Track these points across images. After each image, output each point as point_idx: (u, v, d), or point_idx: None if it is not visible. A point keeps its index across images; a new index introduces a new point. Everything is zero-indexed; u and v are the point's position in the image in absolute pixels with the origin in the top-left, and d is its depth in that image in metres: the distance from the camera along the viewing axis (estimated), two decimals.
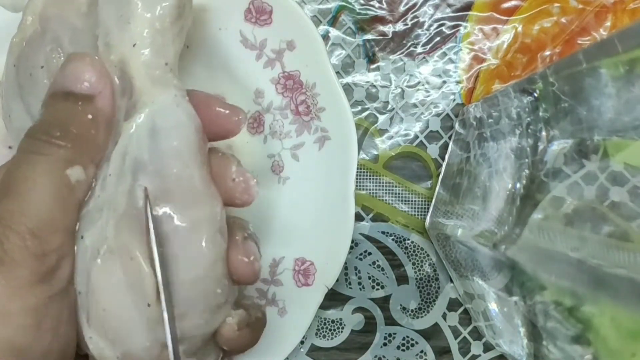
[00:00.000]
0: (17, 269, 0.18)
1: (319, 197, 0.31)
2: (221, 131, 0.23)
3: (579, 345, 0.23)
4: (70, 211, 0.20)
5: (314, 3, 0.33)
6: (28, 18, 0.23)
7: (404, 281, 0.34)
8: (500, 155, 0.26)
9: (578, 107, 0.22)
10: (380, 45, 0.34)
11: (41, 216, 0.19)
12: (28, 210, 0.18)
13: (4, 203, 0.19)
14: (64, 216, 0.20)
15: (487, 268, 0.27)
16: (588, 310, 0.22)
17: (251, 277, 0.22)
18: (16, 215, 0.18)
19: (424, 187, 0.34)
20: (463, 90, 0.34)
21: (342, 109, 0.30)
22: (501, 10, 0.33)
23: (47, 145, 0.20)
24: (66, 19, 0.22)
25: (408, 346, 0.34)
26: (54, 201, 0.19)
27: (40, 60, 0.22)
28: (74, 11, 0.22)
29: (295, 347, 0.31)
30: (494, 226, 0.25)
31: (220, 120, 0.23)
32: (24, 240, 0.18)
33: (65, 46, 0.22)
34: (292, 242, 0.31)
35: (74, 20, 0.22)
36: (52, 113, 0.20)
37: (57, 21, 0.22)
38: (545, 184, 0.23)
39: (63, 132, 0.20)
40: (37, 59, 0.23)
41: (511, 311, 0.26)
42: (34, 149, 0.20)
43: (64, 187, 0.20)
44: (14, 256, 0.18)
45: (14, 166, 0.20)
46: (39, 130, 0.20)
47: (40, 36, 0.22)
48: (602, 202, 0.21)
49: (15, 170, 0.19)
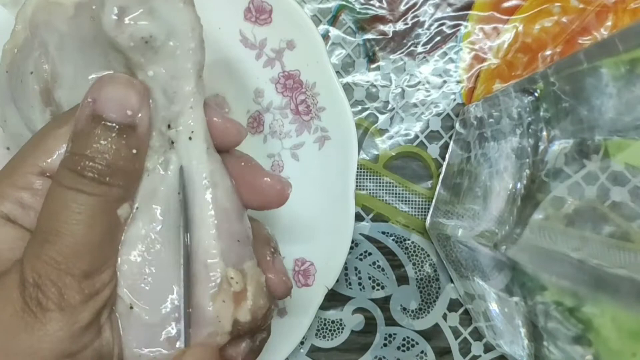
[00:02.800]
0: (75, 314, 0.18)
1: (319, 197, 0.31)
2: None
3: (579, 346, 0.23)
4: (118, 246, 0.20)
5: (314, 2, 0.33)
6: (19, 25, 0.23)
7: (404, 281, 0.34)
8: (501, 155, 0.26)
9: (579, 107, 0.22)
10: (381, 45, 0.33)
11: (94, 257, 0.19)
12: (82, 254, 0.18)
13: (57, 245, 0.18)
14: (114, 253, 0.20)
15: (487, 268, 0.27)
16: (589, 310, 0.22)
17: (286, 293, 0.23)
18: (71, 259, 0.18)
19: (425, 187, 0.34)
20: (463, 90, 0.34)
21: (342, 109, 0.30)
22: (502, 10, 0.33)
23: (97, 184, 0.19)
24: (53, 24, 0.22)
25: (408, 347, 0.34)
26: (107, 242, 0.19)
27: (30, 66, 0.22)
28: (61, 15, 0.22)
29: (295, 348, 0.31)
30: (494, 226, 0.25)
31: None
32: (80, 283, 0.18)
33: (51, 51, 0.22)
34: (292, 243, 0.31)
35: (59, 25, 0.21)
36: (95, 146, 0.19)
37: (45, 26, 0.22)
38: (546, 184, 0.22)
39: (113, 170, 0.19)
40: (27, 65, 0.22)
41: (512, 311, 0.26)
42: (83, 187, 0.18)
43: (115, 227, 0.20)
44: (71, 301, 0.18)
45: (60, 205, 0.18)
46: (85, 166, 0.18)
47: (30, 42, 0.22)
48: (603, 202, 0.21)
49: (63, 210, 0.18)
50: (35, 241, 0.18)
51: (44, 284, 0.17)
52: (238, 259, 0.21)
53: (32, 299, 0.17)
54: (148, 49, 0.20)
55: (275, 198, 0.23)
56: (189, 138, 0.20)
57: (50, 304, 0.17)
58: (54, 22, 0.22)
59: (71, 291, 0.18)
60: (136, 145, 0.19)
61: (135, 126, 0.19)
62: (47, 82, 0.23)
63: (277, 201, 0.23)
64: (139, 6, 0.19)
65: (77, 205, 0.18)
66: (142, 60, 0.20)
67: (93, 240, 0.18)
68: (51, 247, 0.18)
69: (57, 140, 0.20)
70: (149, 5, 0.19)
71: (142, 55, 0.20)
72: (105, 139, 0.19)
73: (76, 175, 0.18)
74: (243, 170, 0.22)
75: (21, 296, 0.17)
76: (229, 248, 0.21)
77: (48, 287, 0.17)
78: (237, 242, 0.21)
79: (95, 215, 0.19)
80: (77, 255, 0.18)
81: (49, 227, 0.18)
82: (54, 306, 0.17)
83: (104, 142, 0.19)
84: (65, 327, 0.18)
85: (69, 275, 0.18)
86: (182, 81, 0.20)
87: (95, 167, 0.18)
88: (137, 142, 0.19)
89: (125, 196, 0.20)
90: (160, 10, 0.19)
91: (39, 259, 0.18)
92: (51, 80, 0.22)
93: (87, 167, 0.18)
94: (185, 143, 0.20)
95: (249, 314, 0.21)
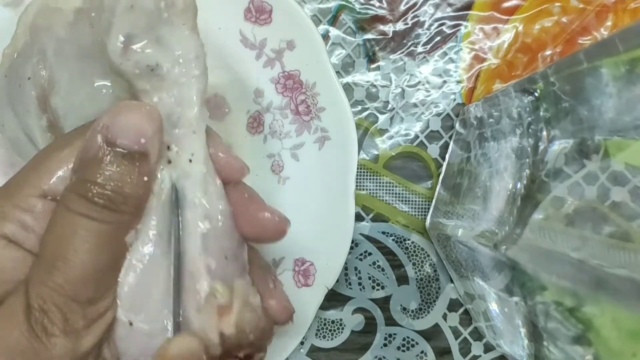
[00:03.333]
0: (79, 339, 0.18)
1: (319, 197, 0.31)
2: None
3: (579, 346, 0.23)
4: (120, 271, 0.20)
5: (314, 2, 0.33)
6: (20, 29, 0.23)
7: (404, 281, 0.34)
8: (501, 155, 0.26)
9: (579, 107, 0.22)
10: (381, 45, 0.33)
11: (100, 284, 0.19)
12: (89, 281, 0.18)
13: (64, 273, 0.18)
14: (117, 277, 0.20)
15: (487, 268, 0.27)
16: (589, 310, 0.22)
17: (287, 319, 0.24)
18: (77, 286, 0.18)
19: (424, 187, 0.34)
20: (463, 90, 0.34)
21: (342, 109, 0.30)
22: (502, 10, 0.33)
23: (108, 212, 0.18)
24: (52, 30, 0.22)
25: (408, 347, 0.34)
26: (112, 269, 0.19)
27: (28, 72, 0.22)
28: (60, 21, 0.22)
29: (295, 348, 0.31)
30: (494, 226, 0.25)
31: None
32: (84, 309, 0.18)
33: (49, 57, 0.22)
34: (292, 243, 0.31)
35: (58, 31, 0.21)
36: (107, 172, 0.18)
37: (44, 32, 0.22)
38: (546, 184, 0.22)
39: (124, 197, 0.19)
40: (25, 70, 0.22)
41: (512, 311, 0.26)
42: (94, 214, 0.18)
43: (121, 254, 0.20)
44: (75, 326, 0.18)
45: (68, 231, 0.18)
46: (97, 193, 0.18)
47: (29, 47, 0.22)
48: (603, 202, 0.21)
49: (72, 236, 0.18)
50: (41, 266, 0.18)
51: (49, 309, 0.18)
52: (225, 275, 0.21)
53: (38, 323, 0.17)
54: (153, 76, 0.20)
55: (273, 233, 0.23)
56: (189, 160, 0.21)
57: (56, 330, 0.18)
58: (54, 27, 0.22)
59: (76, 317, 0.18)
60: (147, 172, 0.19)
61: (148, 154, 0.19)
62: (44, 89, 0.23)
63: (274, 236, 0.23)
64: (146, 35, 0.19)
65: (86, 233, 0.18)
66: (147, 86, 0.20)
67: (100, 268, 0.19)
68: (58, 274, 0.18)
69: (59, 163, 0.20)
70: (155, 34, 0.19)
71: (148, 82, 0.20)
72: (118, 166, 0.19)
73: (86, 202, 0.18)
74: (245, 203, 0.23)
75: (27, 320, 0.17)
76: (217, 263, 0.21)
77: (54, 313, 0.18)
78: (225, 259, 0.21)
79: (104, 243, 0.19)
80: (83, 282, 0.18)
81: (57, 254, 0.18)
82: (59, 332, 0.18)
83: (117, 169, 0.18)
84: (70, 353, 0.18)
85: (74, 301, 0.18)
86: (186, 107, 0.20)
87: (106, 195, 0.18)
88: (148, 170, 0.19)
89: (134, 223, 0.20)
90: (167, 38, 0.19)
91: (46, 285, 0.18)
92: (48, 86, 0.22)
93: (99, 194, 0.18)
94: (184, 164, 0.21)
95: (233, 327, 0.21)
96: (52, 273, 0.18)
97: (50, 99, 0.22)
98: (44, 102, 0.23)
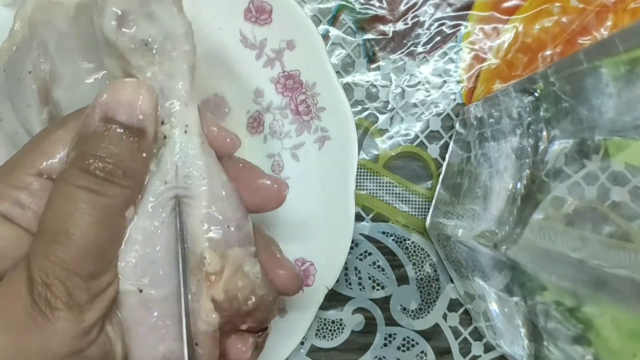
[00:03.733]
0: (83, 313, 0.18)
1: (319, 198, 0.31)
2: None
3: (579, 346, 0.23)
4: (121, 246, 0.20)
5: (314, 2, 0.33)
6: (17, 23, 0.23)
7: (404, 281, 0.34)
8: (501, 155, 0.26)
9: (579, 107, 0.22)
10: (381, 45, 0.33)
11: (101, 258, 0.19)
12: (90, 255, 0.18)
13: (66, 246, 0.18)
14: (117, 252, 0.20)
15: (487, 268, 0.27)
16: (589, 310, 0.22)
17: (299, 287, 0.24)
18: (79, 260, 0.18)
19: (425, 187, 0.34)
20: (464, 90, 0.34)
21: (342, 109, 0.30)
22: (502, 10, 0.33)
23: (108, 184, 0.19)
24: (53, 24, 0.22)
25: (408, 347, 0.34)
26: (114, 244, 0.20)
27: (28, 66, 0.22)
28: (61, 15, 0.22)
29: (295, 348, 0.31)
30: (494, 226, 0.25)
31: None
32: (87, 283, 0.18)
33: (50, 50, 0.22)
34: (292, 243, 0.31)
35: (59, 24, 0.22)
36: (107, 146, 0.19)
37: (44, 26, 0.22)
38: (546, 184, 0.22)
39: (124, 171, 0.19)
40: (25, 64, 0.22)
41: (512, 312, 0.26)
42: (95, 187, 0.18)
43: (122, 229, 0.20)
44: (78, 300, 0.18)
45: (70, 205, 0.18)
46: (97, 166, 0.18)
47: (29, 41, 0.22)
48: (603, 202, 0.21)
49: (74, 210, 0.18)
50: (42, 241, 0.18)
51: (52, 283, 0.18)
52: (226, 243, 0.22)
53: (41, 298, 0.18)
54: (147, 51, 0.20)
55: (273, 198, 0.23)
56: (184, 132, 0.21)
57: (59, 303, 0.18)
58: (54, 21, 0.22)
59: (79, 291, 0.18)
60: (145, 147, 0.20)
61: (145, 129, 0.20)
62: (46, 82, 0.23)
63: (275, 201, 0.23)
64: (139, 11, 0.20)
65: (87, 206, 0.18)
66: (141, 62, 0.20)
67: (101, 242, 0.19)
68: (60, 247, 0.18)
69: (55, 143, 0.20)
70: (147, 9, 0.20)
71: (142, 56, 0.20)
72: (118, 140, 0.19)
73: (87, 174, 0.18)
74: (241, 173, 0.23)
75: (30, 295, 0.18)
76: (217, 231, 0.21)
77: (57, 286, 0.18)
78: (228, 228, 0.22)
79: (106, 217, 0.19)
80: (85, 256, 0.18)
81: (58, 228, 0.18)
82: (63, 305, 0.18)
83: (117, 143, 0.19)
84: (74, 326, 0.18)
85: (77, 275, 0.18)
86: (178, 80, 0.21)
87: (107, 168, 0.19)
88: (146, 145, 0.20)
89: (133, 198, 0.20)
90: (158, 14, 0.20)
91: (48, 259, 0.18)
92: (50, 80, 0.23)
93: (99, 167, 0.19)
94: (179, 137, 0.21)
95: (222, 293, 0.21)
96: (54, 247, 0.18)
97: (52, 92, 0.23)
98: (45, 95, 0.23)
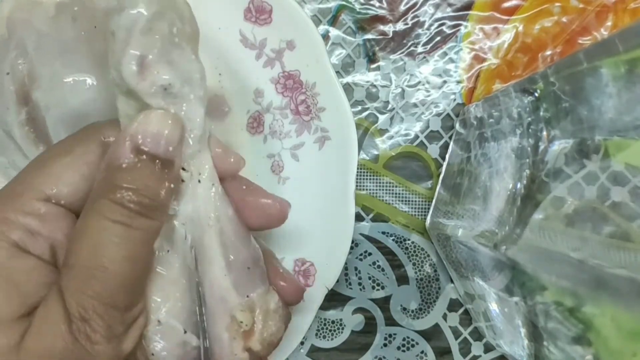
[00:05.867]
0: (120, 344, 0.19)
1: (319, 198, 0.31)
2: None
3: (579, 346, 0.23)
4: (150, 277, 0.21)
5: (314, 2, 0.33)
6: None
7: (404, 282, 0.34)
8: (501, 155, 0.26)
9: (579, 107, 0.22)
10: (381, 45, 0.33)
11: (136, 289, 0.19)
12: (127, 288, 0.18)
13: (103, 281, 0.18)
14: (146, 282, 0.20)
15: (487, 268, 0.27)
16: (589, 310, 0.22)
17: (300, 297, 0.25)
18: (117, 294, 0.18)
19: (425, 187, 0.34)
20: (464, 90, 0.34)
21: (342, 109, 0.30)
22: (502, 10, 0.33)
23: (143, 219, 0.19)
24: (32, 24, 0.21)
25: (408, 347, 0.34)
26: (144, 275, 0.20)
27: (6, 67, 0.22)
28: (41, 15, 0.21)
29: (295, 348, 0.31)
30: (494, 226, 0.25)
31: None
32: (122, 315, 0.19)
33: (29, 51, 0.21)
34: (292, 243, 0.31)
35: (39, 25, 0.21)
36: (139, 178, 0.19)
37: (23, 26, 0.22)
38: (546, 184, 0.22)
39: (157, 204, 0.19)
40: (3, 65, 0.22)
41: (512, 312, 0.26)
42: (130, 221, 0.18)
43: (150, 260, 0.20)
44: (115, 332, 0.18)
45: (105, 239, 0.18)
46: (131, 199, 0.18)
47: (6, 42, 0.22)
48: (603, 202, 0.21)
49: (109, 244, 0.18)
50: (77, 275, 0.18)
51: (91, 318, 0.18)
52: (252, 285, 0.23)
53: (81, 333, 0.18)
54: (167, 95, 0.20)
55: (277, 217, 0.24)
56: (198, 181, 0.21)
57: (99, 337, 0.18)
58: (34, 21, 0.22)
59: (116, 323, 0.18)
60: (172, 179, 0.20)
61: (174, 160, 0.20)
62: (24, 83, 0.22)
63: (277, 220, 0.24)
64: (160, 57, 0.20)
65: (121, 240, 0.18)
66: (162, 103, 0.20)
67: (136, 275, 0.19)
68: (97, 283, 0.18)
69: (65, 169, 0.20)
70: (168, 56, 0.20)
71: (162, 99, 0.20)
72: (149, 172, 0.19)
73: (121, 208, 0.18)
74: (245, 193, 0.23)
75: (69, 331, 0.18)
76: (240, 278, 0.22)
77: (96, 321, 0.18)
78: (247, 270, 0.23)
79: (140, 250, 0.19)
80: (122, 289, 0.18)
81: (93, 263, 0.18)
82: (102, 339, 0.18)
83: (148, 175, 0.19)
84: (114, 358, 0.18)
85: (114, 308, 0.18)
86: (194, 124, 0.21)
87: (141, 201, 0.19)
88: (174, 177, 0.20)
89: (160, 229, 0.20)
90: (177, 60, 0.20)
91: (85, 294, 0.18)
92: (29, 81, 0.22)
93: (133, 199, 0.18)
94: (194, 186, 0.21)
95: (258, 344, 0.22)
96: (90, 282, 0.18)
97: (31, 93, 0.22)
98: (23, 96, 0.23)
